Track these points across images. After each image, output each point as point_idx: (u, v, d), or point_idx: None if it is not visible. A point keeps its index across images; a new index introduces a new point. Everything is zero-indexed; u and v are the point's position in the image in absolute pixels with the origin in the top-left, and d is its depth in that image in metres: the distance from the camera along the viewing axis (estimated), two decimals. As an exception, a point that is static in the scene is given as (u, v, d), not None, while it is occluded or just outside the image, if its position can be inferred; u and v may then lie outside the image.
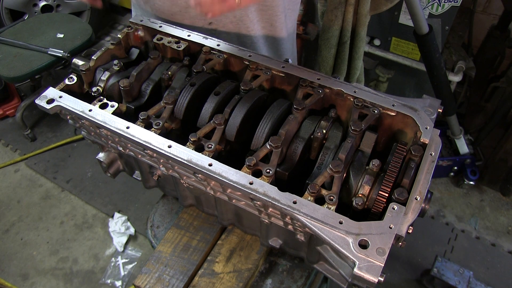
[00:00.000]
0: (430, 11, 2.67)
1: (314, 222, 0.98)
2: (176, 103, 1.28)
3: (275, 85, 1.39)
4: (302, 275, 1.45)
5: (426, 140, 1.14)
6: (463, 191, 3.39)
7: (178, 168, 1.22)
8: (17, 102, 4.07)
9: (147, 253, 3.14)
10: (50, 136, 3.97)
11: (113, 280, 3.01)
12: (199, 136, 1.16)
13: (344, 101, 1.27)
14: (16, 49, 3.39)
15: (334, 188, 1.06)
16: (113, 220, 3.27)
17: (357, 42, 2.49)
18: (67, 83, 1.31)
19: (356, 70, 2.63)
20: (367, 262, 0.92)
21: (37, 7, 4.08)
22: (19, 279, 3.05)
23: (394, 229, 0.97)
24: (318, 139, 1.21)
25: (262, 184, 1.04)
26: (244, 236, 1.50)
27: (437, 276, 2.65)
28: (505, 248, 3.08)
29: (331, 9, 2.37)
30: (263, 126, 1.20)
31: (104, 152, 1.51)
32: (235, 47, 1.39)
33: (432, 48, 2.41)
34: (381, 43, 3.02)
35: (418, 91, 3.29)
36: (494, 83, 3.11)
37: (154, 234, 1.62)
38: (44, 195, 3.54)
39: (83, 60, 1.36)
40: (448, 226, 3.20)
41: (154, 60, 1.38)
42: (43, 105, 1.21)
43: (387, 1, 2.32)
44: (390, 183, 1.06)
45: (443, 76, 2.59)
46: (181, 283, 1.41)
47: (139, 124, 1.19)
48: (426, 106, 1.21)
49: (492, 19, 3.08)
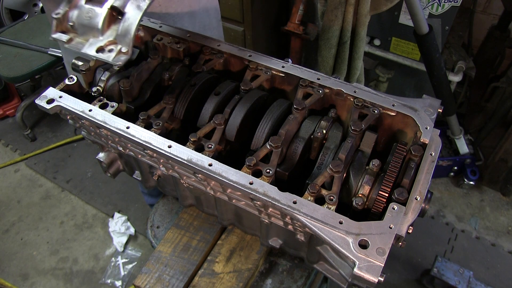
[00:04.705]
0: (430, 11, 2.67)
1: (314, 222, 0.98)
2: (176, 103, 1.28)
3: (275, 85, 1.39)
4: (302, 275, 1.45)
5: (426, 140, 1.14)
6: (463, 191, 3.39)
7: (178, 168, 1.22)
8: (17, 102, 4.08)
9: (147, 253, 3.14)
10: (50, 136, 3.97)
11: (113, 280, 3.01)
12: (199, 136, 1.16)
13: (344, 101, 1.27)
14: (16, 49, 3.39)
15: (334, 188, 1.06)
16: (113, 220, 3.27)
17: (357, 42, 2.49)
18: (67, 83, 1.31)
19: (356, 70, 2.63)
20: (367, 262, 0.92)
21: (37, 7, 4.08)
22: (19, 279, 3.05)
23: (394, 229, 0.97)
24: (318, 139, 1.21)
25: (262, 184, 1.04)
26: (244, 236, 1.50)
27: (437, 276, 2.65)
28: (505, 248, 3.08)
29: (331, 9, 2.37)
30: (263, 126, 1.20)
31: (104, 152, 1.51)
32: (235, 47, 1.39)
33: (432, 48, 2.41)
34: (381, 43, 3.02)
35: (418, 91, 3.29)
36: (494, 83, 3.11)
37: (154, 234, 1.62)
38: (44, 195, 3.54)
39: (83, 60, 1.36)
40: (448, 226, 3.20)
41: (154, 60, 1.38)
42: (43, 105, 1.21)
43: (387, 1, 2.32)
44: (390, 183, 1.06)
45: (443, 76, 2.59)
46: (181, 283, 1.41)
47: (139, 124, 1.19)
48: (426, 106, 1.21)
49: (492, 19, 3.08)
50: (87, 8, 1.14)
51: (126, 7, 1.11)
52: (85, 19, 1.13)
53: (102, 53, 1.11)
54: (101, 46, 1.12)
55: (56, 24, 1.16)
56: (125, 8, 1.11)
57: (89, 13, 1.13)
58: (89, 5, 1.14)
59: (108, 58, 1.10)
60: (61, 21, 1.16)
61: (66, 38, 1.16)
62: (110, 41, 1.12)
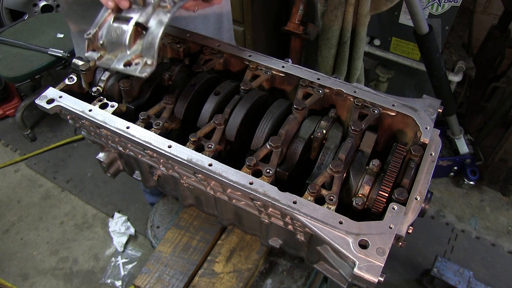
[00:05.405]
0: (430, 11, 2.67)
1: (314, 222, 0.98)
2: (176, 103, 1.28)
3: (275, 85, 1.39)
4: (302, 275, 1.45)
5: (426, 140, 1.14)
6: (463, 191, 3.39)
7: (178, 168, 1.22)
8: (17, 102, 4.08)
9: (147, 253, 3.14)
10: (50, 136, 3.97)
11: (113, 280, 3.01)
12: (199, 136, 1.16)
13: (344, 101, 1.27)
14: (16, 49, 3.39)
15: (334, 188, 1.06)
16: (113, 220, 3.27)
17: (357, 42, 2.49)
18: (67, 83, 1.31)
19: (356, 70, 2.63)
20: (367, 262, 0.92)
21: (37, 7, 4.08)
22: (19, 279, 3.05)
23: (394, 229, 0.97)
24: (318, 139, 1.21)
25: (262, 184, 1.04)
26: (244, 236, 1.50)
27: (437, 276, 2.65)
28: (505, 248, 3.08)
29: (331, 9, 2.37)
30: (263, 126, 1.20)
31: (104, 152, 1.51)
32: (235, 47, 1.39)
33: (432, 48, 2.41)
34: (381, 43, 3.02)
35: (418, 91, 3.29)
36: (494, 83, 3.11)
37: (154, 234, 1.62)
38: (44, 195, 3.54)
39: (83, 60, 1.36)
40: (448, 226, 3.20)
41: (154, 60, 1.38)
42: (43, 105, 1.21)
43: (387, 1, 2.32)
44: (390, 183, 1.06)
45: (443, 76, 2.59)
46: (181, 283, 1.41)
47: (139, 124, 1.19)
48: (426, 106, 1.21)
49: (492, 19, 3.08)
50: (115, 26, 1.19)
51: (149, 22, 1.17)
52: (114, 37, 1.20)
53: (129, 67, 1.17)
54: (128, 61, 1.18)
55: (88, 44, 1.23)
56: (148, 23, 1.17)
57: (117, 31, 1.19)
58: (116, 23, 1.19)
59: (134, 72, 1.16)
60: (92, 40, 1.23)
61: (97, 56, 1.23)
62: (137, 55, 1.18)
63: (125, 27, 1.18)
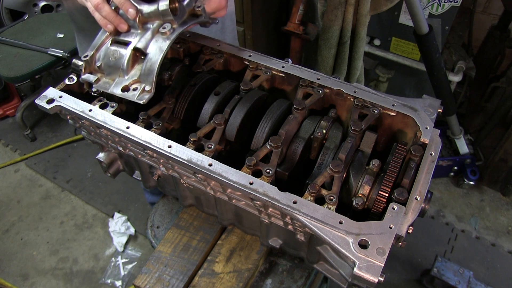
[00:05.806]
0: (430, 11, 2.67)
1: (314, 222, 0.98)
2: (176, 103, 1.28)
3: (275, 85, 1.39)
4: (302, 275, 1.45)
5: (426, 140, 1.14)
6: (463, 191, 3.39)
7: (178, 168, 1.22)
8: (17, 102, 4.08)
9: (147, 253, 3.14)
10: (50, 136, 3.97)
11: (113, 280, 3.01)
12: (199, 136, 1.16)
13: (344, 101, 1.27)
14: (16, 49, 3.39)
15: (334, 188, 1.06)
16: (113, 220, 3.27)
17: (357, 42, 2.49)
18: (67, 83, 1.31)
19: (356, 70, 2.63)
20: (367, 262, 0.92)
21: (37, 7, 4.08)
22: (19, 279, 3.04)
23: (394, 229, 0.97)
24: (318, 139, 1.21)
25: (262, 184, 1.04)
26: (244, 236, 1.50)
27: (437, 276, 2.65)
28: (505, 248, 3.08)
29: (331, 9, 2.37)
30: (263, 126, 1.20)
31: (104, 152, 1.51)
32: (235, 47, 1.39)
33: (432, 48, 2.41)
34: (381, 43, 3.02)
35: (418, 91, 3.29)
36: (494, 83, 3.11)
37: (154, 234, 1.62)
38: (44, 195, 3.54)
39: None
40: (448, 226, 3.20)
41: (154, 60, 1.37)
42: (43, 105, 1.21)
43: (387, 1, 2.32)
44: (390, 183, 1.06)
45: (443, 76, 2.59)
46: (181, 283, 1.41)
47: (139, 124, 1.19)
48: (426, 106, 1.21)
49: (492, 19, 3.08)
50: (112, 49, 1.19)
51: (149, 47, 1.16)
52: (111, 61, 1.19)
53: (127, 92, 1.17)
54: (126, 86, 1.17)
55: (85, 66, 1.22)
56: (147, 49, 1.16)
57: (115, 54, 1.18)
58: (114, 47, 1.19)
59: (132, 97, 1.15)
60: (89, 63, 1.22)
61: (94, 78, 1.22)
62: (135, 80, 1.18)
63: (123, 51, 1.17)
